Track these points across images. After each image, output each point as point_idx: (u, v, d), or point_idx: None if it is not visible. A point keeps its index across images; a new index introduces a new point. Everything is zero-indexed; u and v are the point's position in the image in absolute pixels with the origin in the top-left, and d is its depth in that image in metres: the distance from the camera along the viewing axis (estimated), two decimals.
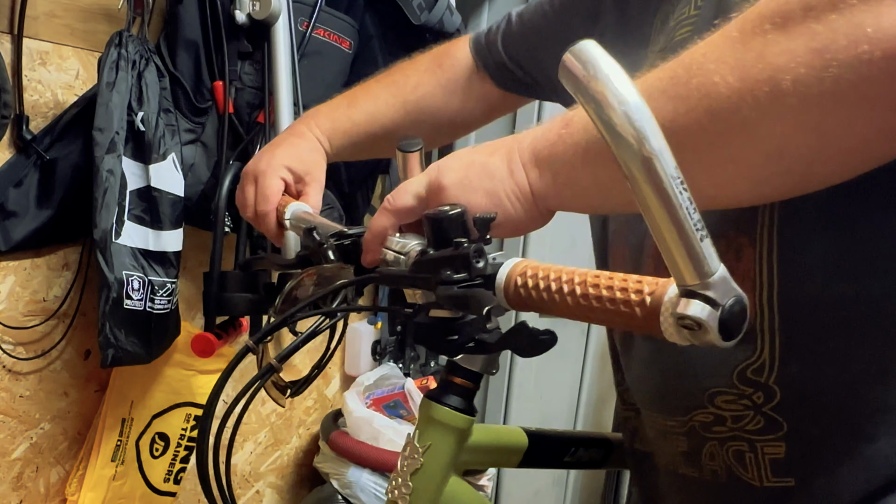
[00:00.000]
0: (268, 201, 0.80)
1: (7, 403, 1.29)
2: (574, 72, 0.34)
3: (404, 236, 0.55)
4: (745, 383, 0.54)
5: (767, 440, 0.54)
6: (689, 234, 0.33)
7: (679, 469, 0.61)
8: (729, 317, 0.35)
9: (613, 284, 0.39)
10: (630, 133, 0.33)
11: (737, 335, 0.36)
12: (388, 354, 1.89)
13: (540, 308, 0.44)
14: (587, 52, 0.33)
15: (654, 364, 0.62)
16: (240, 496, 1.75)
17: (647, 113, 0.33)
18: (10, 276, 1.25)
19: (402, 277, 0.53)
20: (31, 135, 1.20)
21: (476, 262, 0.47)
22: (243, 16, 1.27)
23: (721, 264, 0.35)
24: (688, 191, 0.33)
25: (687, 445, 0.59)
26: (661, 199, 0.33)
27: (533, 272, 0.44)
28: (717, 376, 0.56)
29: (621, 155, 0.34)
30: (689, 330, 0.35)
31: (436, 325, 0.48)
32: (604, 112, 0.33)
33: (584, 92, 0.34)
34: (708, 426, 0.57)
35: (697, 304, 0.35)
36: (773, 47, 0.39)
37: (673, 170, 0.33)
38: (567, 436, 0.78)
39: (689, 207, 0.33)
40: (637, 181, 0.34)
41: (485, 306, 0.45)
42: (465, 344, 0.47)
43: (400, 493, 0.59)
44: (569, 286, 0.41)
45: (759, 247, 0.52)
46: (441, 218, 0.49)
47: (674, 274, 0.35)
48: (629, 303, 0.38)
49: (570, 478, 2.26)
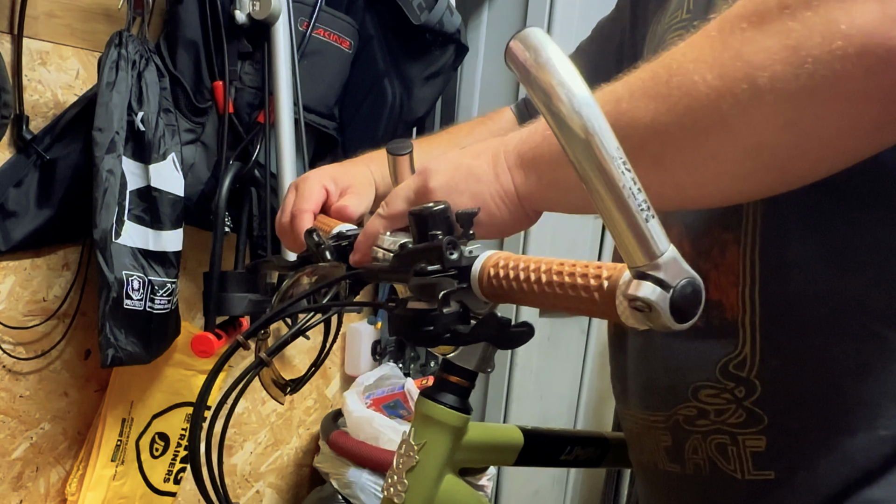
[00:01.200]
0: (306, 200, 0.75)
1: (7, 403, 1.29)
2: (520, 58, 0.34)
3: (395, 234, 0.56)
4: (728, 377, 0.55)
5: (749, 433, 0.55)
6: (634, 214, 0.34)
7: (661, 465, 0.62)
8: (680, 298, 0.35)
9: (575, 271, 0.39)
10: (571, 116, 0.33)
11: (690, 317, 0.36)
12: (388, 354, 1.89)
13: (513, 298, 0.45)
14: (533, 38, 0.34)
15: (641, 359, 0.63)
16: (240, 496, 1.76)
17: (587, 96, 0.33)
18: (10, 276, 1.26)
19: (382, 271, 0.54)
20: (31, 135, 1.21)
21: (450, 253, 0.47)
22: (243, 16, 1.28)
23: (671, 245, 0.35)
24: (631, 171, 0.33)
25: (671, 440, 0.60)
26: (604, 180, 0.33)
27: (505, 263, 0.45)
28: (700, 370, 0.57)
29: (565, 137, 0.34)
30: (641, 312, 0.35)
31: (411, 317, 0.48)
32: (549, 98, 0.34)
33: (529, 78, 0.34)
34: (691, 420, 0.58)
35: (648, 285, 0.35)
36: (751, 45, 0.40)
37: (614, 150, 0.33)
38: (563, 434, 0.78)
39: (633, 188, 0.33)
40: (581, 164, 0.34)
41: (441, 291, 0.46)
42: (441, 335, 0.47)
43: (395, 491, 0.60)
44: (535, 274, 0.42)
45: (742, 244, 0.54)
46: (425, 214, 0.50)
47: (624, 256, 0.36)
48: (588, 288, 0.39)
49: (570, 478, 2.26)
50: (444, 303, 0.46)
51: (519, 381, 1.96)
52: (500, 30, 1.89)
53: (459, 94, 1.95)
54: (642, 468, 0.66)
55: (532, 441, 0.72)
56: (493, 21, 1.91)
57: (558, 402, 2.16)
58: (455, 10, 1.55)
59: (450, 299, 0.46)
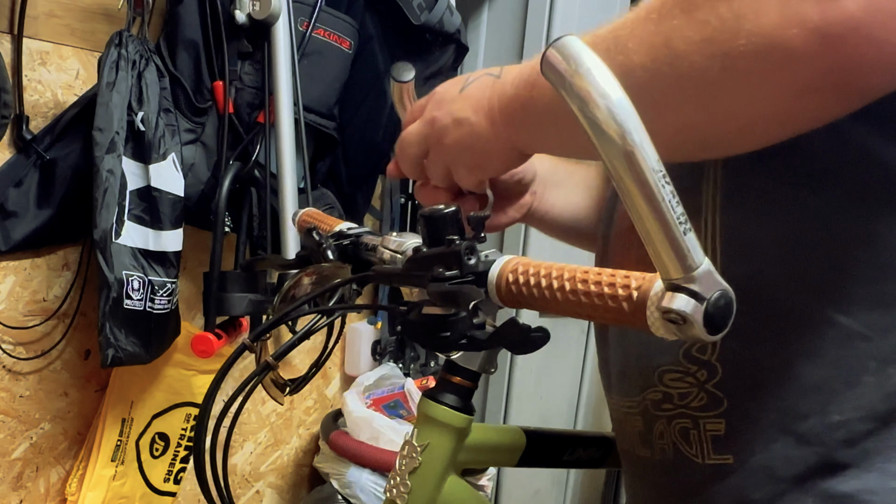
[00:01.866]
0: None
1: (7, 403, 1.29)
2: (557, 67, 0.34)
3: (402, 235, 0.55)
4: (690, 361, 0.56)
5: (709, 416, 0.55)
6: (673, 227, 0.34)
7: (636, 450, 0.63)
8: (714, 310, 0.35)
9: (602, 280, 0.39)
10: (612, 128, 0.33)
11: (723, 328, 0.36)
12: (389, 354, 1.89)
13: (531, 305, 0.45)
14: (570, 47, 0.34)
15: (618, 346, 0.64)
16: (240, 496, 1.75)
17: (629, 108, 0.33)
18: (10, 276, 1.26)
19: (396, 275, 0.53)
20: (31, 135, 1.20)
21: (468, 259, 0.47)
22: (243, 16, 1.27)
23: (706, 258, 0.35)
24: (670, 184, 0.33)
25: (642, 424, 0.61)
26: (644, 193, 0.33)
27: (524, 269, 0.45)
28: (665, 354, 0.57)
29: (604, 149, 0.34)
30: (675, 324, 0.35)
31: (428, 322, 0.48)
32: (587, 107, 0.33)
33: (567, 87, 0.34)
34: (658, 404, 0.59)
35: (682, 297, 0.35)
36: (677, 33, 0.42)
37: (655, 163, 0.33)
38: (566, 435, 0.78)
39: (672, 201, 0.33)
40: (620, 175, 0.34)
41: (471, 301, 0.46)
42: (458, 341, 0.47)
43: (398, 493, 0.59)
44: (559, 282, 0.42)
45: (703, 228, 0.54)
46: (436, 217, 0.50)
47: (659, 268, 0.35)
48: (617, 298, 0.38)
49: (571, 478, 2.26)
50: (474, 313, 0.46)
51: (519, 381, 1.96)
52: (500, 30, 1.89)
53: None
54: (624, 455, 0.67)
55: (535, 442, 0.72)
56: (493, 21, 1.91)
57: (558, 402, 2.16)
58: (455, 10, 1.55)
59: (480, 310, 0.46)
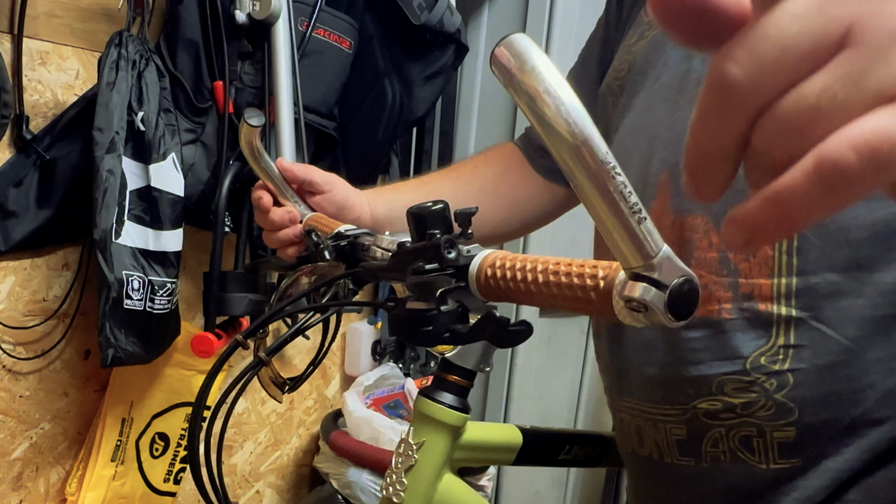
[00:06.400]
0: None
1: (7, 403, 1.29)
2: (505, 65, 0.34)
3: (395, 235, 0.56)
4: (759, 371, 0.55)
5: (778, 425, 0.55)
6: (627, 217, 0.34)
7: (667, 458, 0.62)
8: (677, 297, 0.35)
9: (571, 270, 0.40)
10: (560, 124, 0.33)
11: (688, 315, 0.36)
12: (388, 354, 1.89)
13: (510, 297, 0.45)
14: (518, 44, 0.34)
15: (649, 352, 0.63)
16: (240, 496, 1.76)
17: (576, 104, 0.34)
18: (10, 276, 1.26)
19: (381, 270, 0.54)
20: (31, 135, 1.21)
21: (447, 252, 0.47)
22: (243, 16, 1.28)
23: (665, 245, 0.35)
24: (622, 175, 0.34)
25: (685, 433, 0.60)
26: (595, 185, 0.34)
27: (502, 262, 0.45)
28: (727, 364, 0.56)
29: (554, 145, 0.34)
30: (638, 312, 0.36)
31: (410, 317, 0.48)
32: (535, 104, 0.34)
33: (515, 85, 0.34)
34: (714, 414, 0.58)
35: (643, 286, 0.36)
36: None
37: (604, 155, 0.33)
38: (562, 434, 0.78)
39: (625, 191, 0.34)
40: (571, 170, 0.34)
41: (439, 289, 0.46)
42: (440, 335, 0.47)
43: (394, 490, 0.60)
44: (532, 274, 0.42)
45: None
46: (423, 213, 0.50)
47: (619, 258, 0.36)
48: (585, 288, 0.39)
49: (570, 478, 2.26)
50: (442, 301, 0.46)
51: (519, 381, 1.96)
52: (500, 30, 1.89)
53: (459, 94, 1.95)
54: (638, 460, 0.66)
55: (531, 440, 0.72)
56: (493, 21, 1.91)
57: (558, 402, 2.16)
58: (455, 10, 1.55)
59: (447, 298, 0.46)
